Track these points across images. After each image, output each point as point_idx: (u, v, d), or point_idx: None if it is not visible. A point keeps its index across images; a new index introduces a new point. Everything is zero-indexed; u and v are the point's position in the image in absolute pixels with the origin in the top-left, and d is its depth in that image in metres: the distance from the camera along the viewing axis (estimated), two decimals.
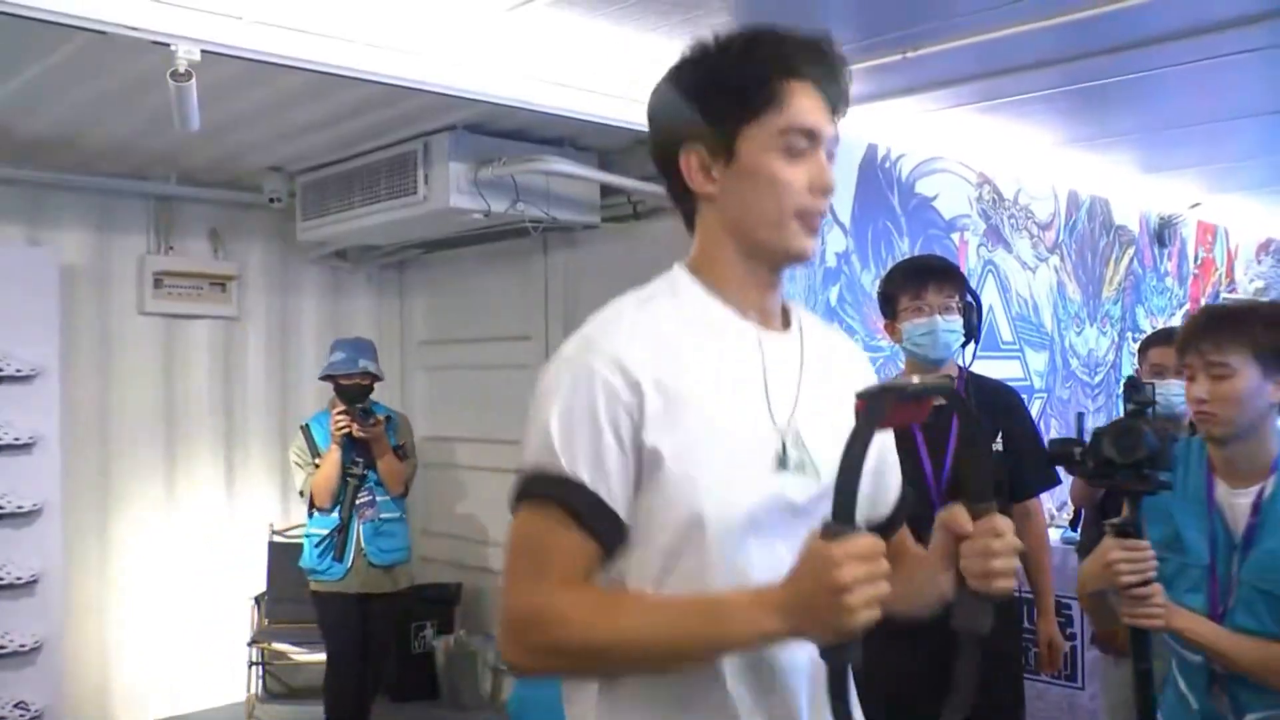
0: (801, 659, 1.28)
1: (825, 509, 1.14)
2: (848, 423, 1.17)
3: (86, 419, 5.07)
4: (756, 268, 1.36)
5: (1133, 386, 2.95)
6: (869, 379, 1.48)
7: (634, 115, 3.71)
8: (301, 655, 5.36)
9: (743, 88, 1.30)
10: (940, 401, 1.20)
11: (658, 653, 1.20)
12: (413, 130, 4.30)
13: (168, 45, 2.81)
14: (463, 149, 4.27)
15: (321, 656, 4.58)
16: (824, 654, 1.13)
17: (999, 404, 2.99)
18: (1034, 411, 5.36)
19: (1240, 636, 2.08)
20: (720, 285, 1.36)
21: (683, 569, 1.26)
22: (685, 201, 1.40)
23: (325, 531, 4.42)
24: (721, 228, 1.36)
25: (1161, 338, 3.47)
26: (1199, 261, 6.87)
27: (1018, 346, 5.38)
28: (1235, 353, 2.08)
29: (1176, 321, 6.47)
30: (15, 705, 4.43)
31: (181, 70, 2.84)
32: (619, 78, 3.62)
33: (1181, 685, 2.20)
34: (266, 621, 5.27)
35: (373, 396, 4.54)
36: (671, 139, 1.36)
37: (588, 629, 1.20)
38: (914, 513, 1.52)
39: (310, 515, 4.52)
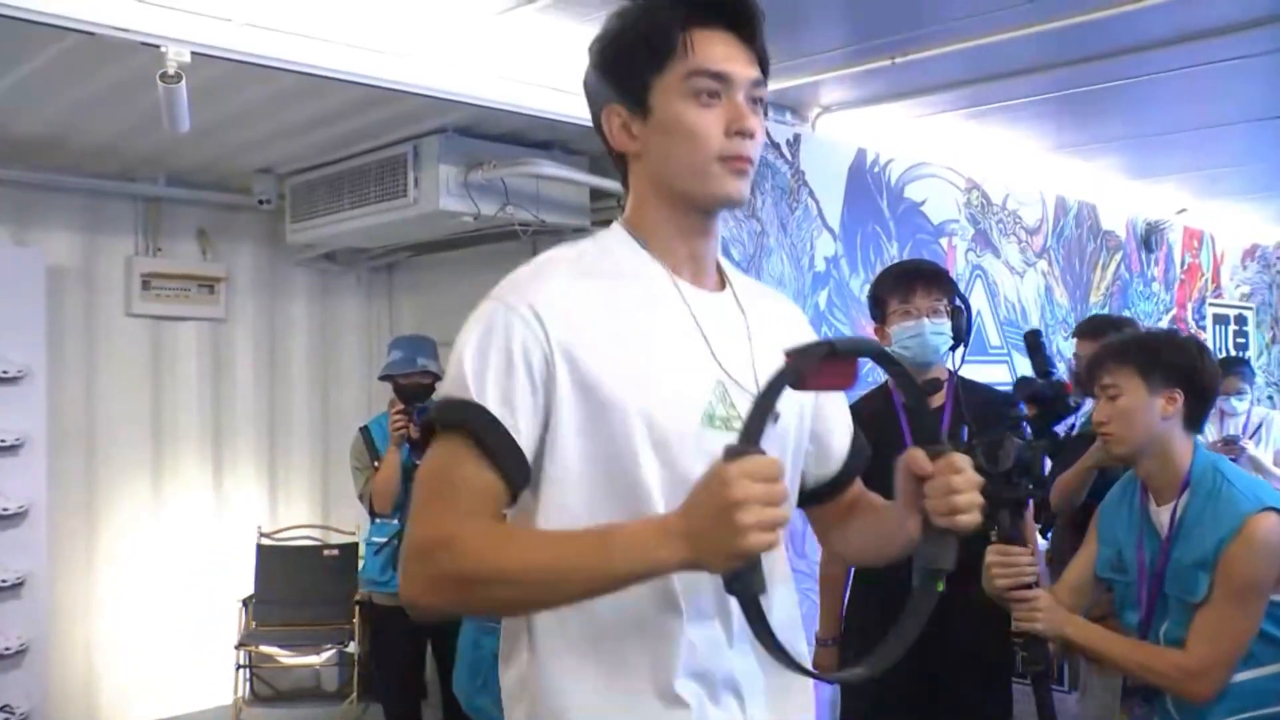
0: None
1: None
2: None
3: (73, 420, 5.05)
4: (685, 218, 1.37)
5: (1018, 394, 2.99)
6: (806, 334, 1.50)
7: None
8: (289, 658, 5.35)
9: (647, 40, 1.32)
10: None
11: (548, 579, 1.17)
12: (403, 133, 4.29)
13: (157, 47, 2.81)
14: (453, 152, 4.27)
15: (309, 659, 4.55)
16: (727, 585, 1.09)
17: (988, 407, 3.00)
18: None
19: (1121, 639, 2.22)
20: (652, 240, 1.37)
21: (604, 518, 1.24)
22: (620, 162, 1.42)
23: (385, 539, 4.19)
24: (648, 182, 1.37)
25: (1089, 329, 3.53)
26: (1185, 267, 6.91)
27: (1005, 351, 5.40)
28: (1120, 373, 2.24)
29: (1164, 327, 6.51)
30: (0, 708, 4.41)
31: (171, 72, 2.84)
32: None
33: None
34: (254, 624, 5.26)
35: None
36: (595, 103, 1.40)
37: (483, 555, 1.17)
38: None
39: (371, 521, 4.31)
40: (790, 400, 1.21)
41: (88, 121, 4.22)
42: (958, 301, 2.93)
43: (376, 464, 4.19)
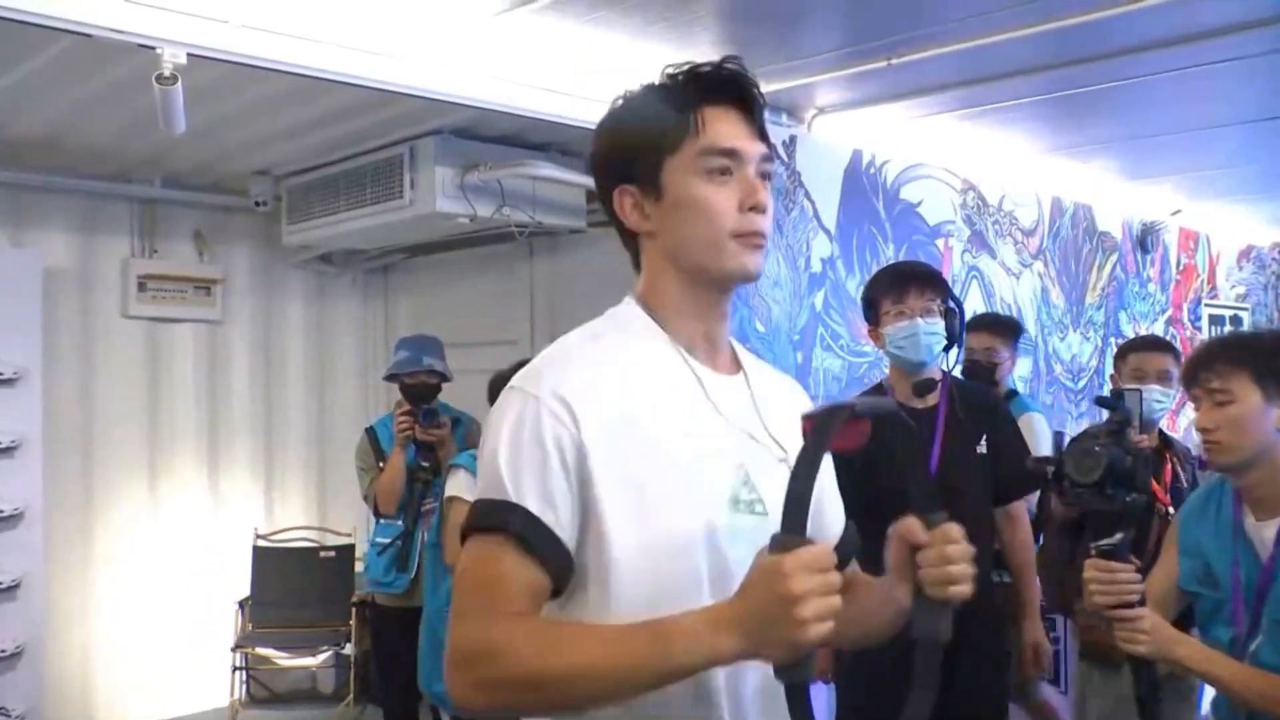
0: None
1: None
2: (789, 461, 1.18)
3: (69, 422, 5.05)
4: (701, 294, 1.38)
5: (1106, 401, 2.98)
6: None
7: None
8: (286, 660, 5.35)
9: (659, 122, 1.35)
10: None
11: (606, 679, 1.17)
12: (399, 134, 4.29)
13: (153, 48, 2.80)
14: (449, 153, 4.27)
15: (305, 661, 4.54)
16: (778, 673, 1.11)
17: (983, 408, 3.01)
18: None
19: (1244, 668, 2.03)
20: (667, 317, 1.38)
21: (638, 609, 1.23)
22: (630, 242, 1.43)
23: (389, 540, 4.16)
24: (663, 260, 1.38)
25: (1140, 344, 3.49)
26: (1181, 268, 6.92)
27: None
28: (1236, 379, 2.08)
29: (1159, 328, 6.52)
30: None
31: (167, 74, 2.84)
32: (606, 83, 3.63)
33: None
34: (250, 626, 5.26)
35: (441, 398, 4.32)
36: (606, 184, 1.40)
37: (533, 659, 1.17)
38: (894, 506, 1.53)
39: (376, 522, 4.29)
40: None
41: (84, 123, 4.22)
42: (950, 303, 2.95)
43: (381, 464, 4.19)
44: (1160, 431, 3.39)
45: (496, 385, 3.29)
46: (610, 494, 1.25)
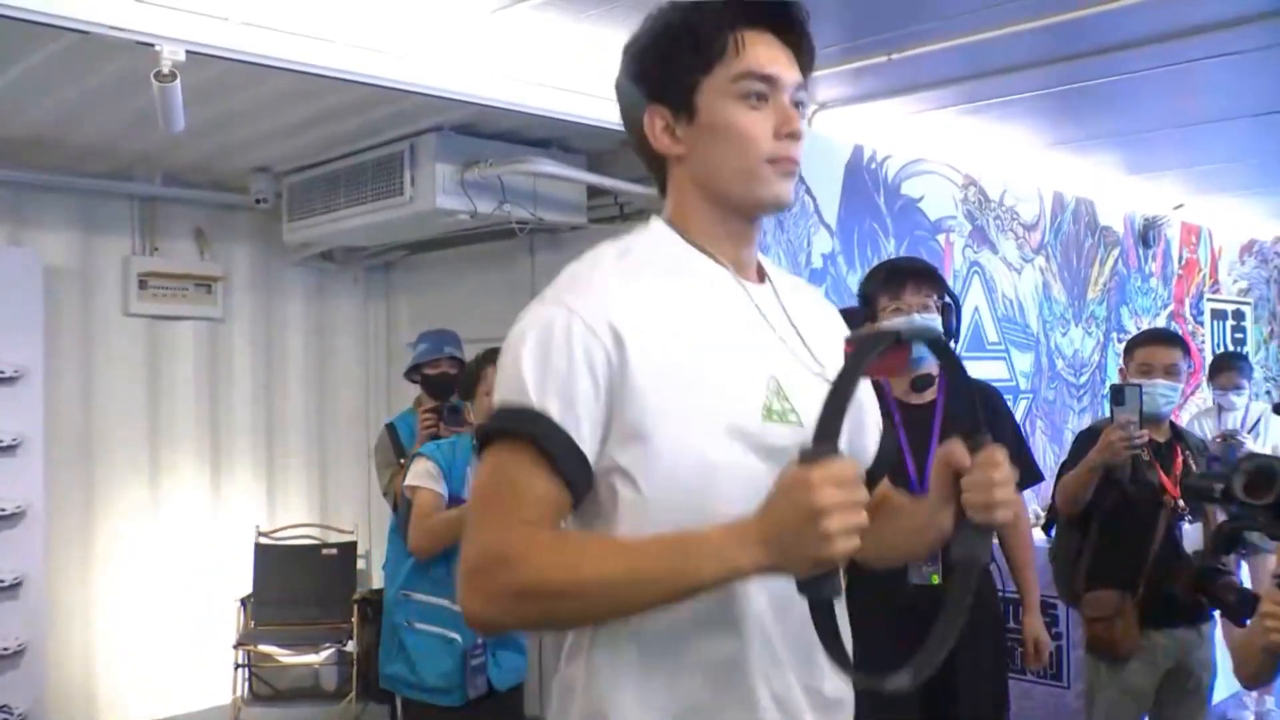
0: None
1: None
2: (829, 367, 1.16)
3: (70, 420, 5.04)
4: (731, 221, 1.35)
5: (1117, 390, 2.96)
6: (841, 329, 1.49)
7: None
8: (287, 657, 5.35)
9: (694, 40, 1.29)
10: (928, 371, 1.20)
11: (625, 590, 1.14)
12: (399, 131, 4.29)
13: (152, 46, 2.80)
14: (449, 150, 4.26)
15: (307, 658, 4.55)
16: (802, 588, 1.09)
17: (981, 403, 3.00)
18: (1019, 412, 5.38)
19: None
20: (697, 239, 1.35)
21: (677, 516, 1.20)
22: (657, 166, 1.39)
23: None
24: (692, 185, 1.35)
25: (1148, 337, 3.47)
26: (1183, 262, 6.91)
27: (1003, 347, 5.40)
28: None
29: (1161, 323, 6.52)
30: None
31: (166, 71, 2.84)
32: (605, 79, 3.62)
33: None
34: (253, 623, 5.26)
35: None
36: (634, 105, 1.36)
37: (552, 567, 1.15)
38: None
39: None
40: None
41: (84, 121, 4.21)
42: (948, 298, 2.95)
43: (402, 460, 4.13)
44: (1171, 424, 3.38)
45: (464, 379, 3.34)
46: (637, 404, 1.21)
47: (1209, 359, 6.19)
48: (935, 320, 2.87)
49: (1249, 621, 2.81)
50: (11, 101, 3.92)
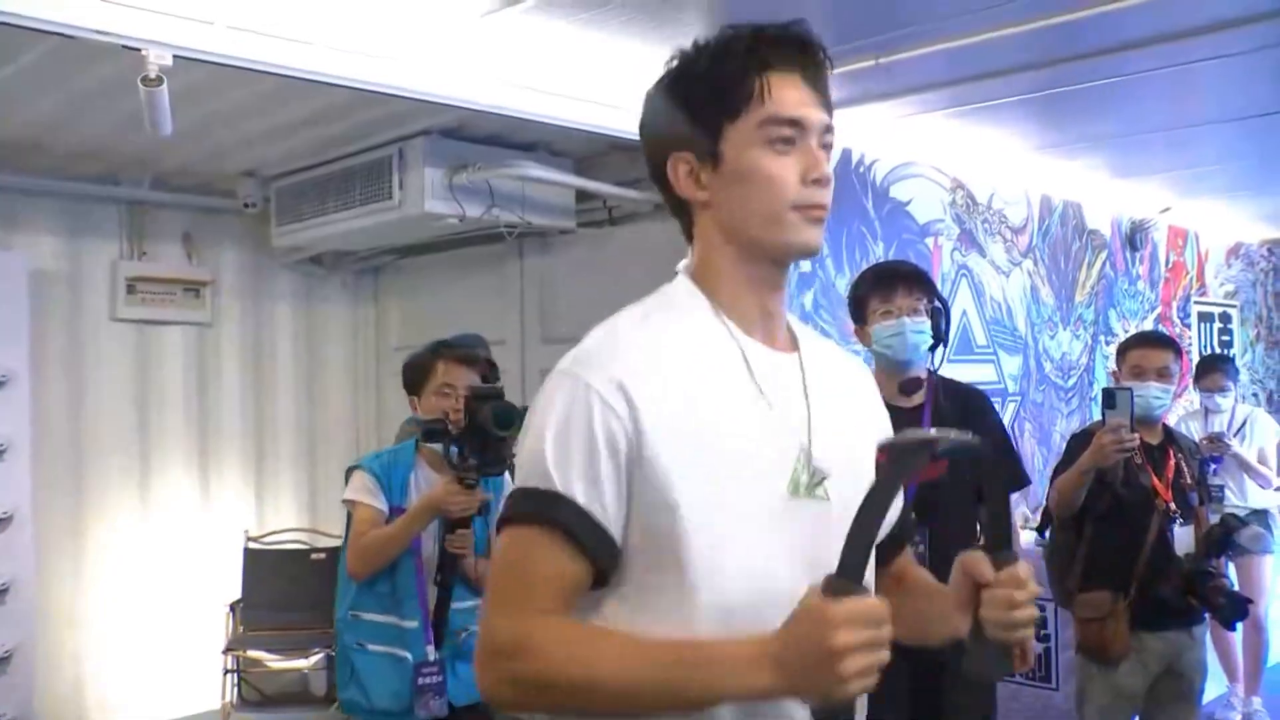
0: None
1: (836, 533, 1.09)
2: (856, 444, 1.15)
3: (58, 425, 5.03)
4: (757, 269, 1.32)
5: (1108, 394, 2.97)
6: (875, 399, 1.46)
7: (609, 121, 3.72)
8: (277, 662, 5.33)
9: (720, 87, 1.27)
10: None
11: (635, 695, 1.14)
12: (388, 135, 4.29)
13: (138, 50, 2.79)
14: (438, 154, 4.26)
15: (297, 663, 4.53)
16: (815, 716, 1.09)
17: (968, 406, 3.01)
18: (1008, 415, 5.40)
19: None
20: (721, 295, 1.32)
21: (692, 597, 1.20)
22: (682, 212, 1.36)
23: None
24: (718, 233, 1.32)
25: (1140, 340, 3.48)
26: (1170, 265, 6.93)
27: (992, 350, 5.41)
28: None
29: (1149, 325, 6.54)
30: None
31: (152, 75, 2.83)
32: (594, 83, 3.63)
33: None
34: (242, 628, 5.24)
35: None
36: (659, 150, 1.33)
37: (566, 663, 1.15)
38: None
39: None
40: (862, 474, 1.18)
41: (71, 125, 4.20)
42: (937, 302, 2.96)
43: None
44: (1164, 426, 3.40)
45: (410, 368, 3.17)
46: (655, 484, 1.20)
47: (1195, 362, 6.21)
48: (924, 325, 2.87)
49: (1238, 624, 2.84)
50: None
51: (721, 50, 1.29)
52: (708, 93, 1.28)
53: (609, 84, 3.59)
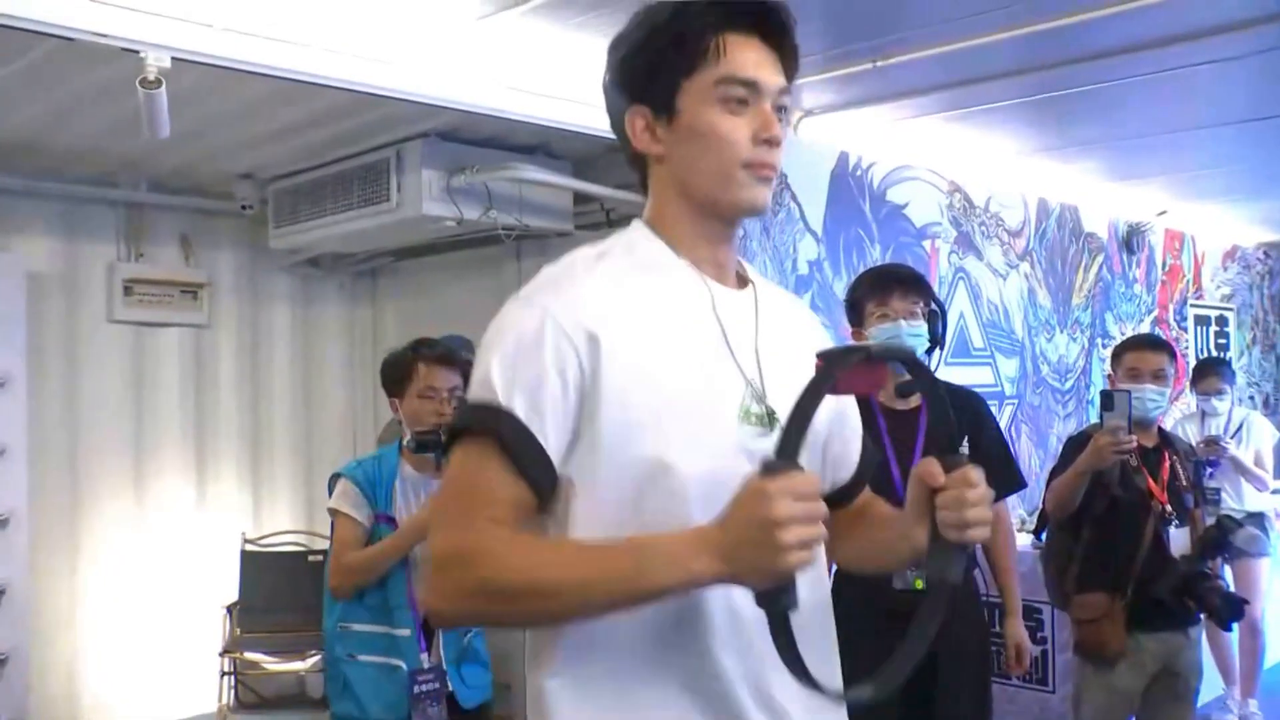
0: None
1: None
2: (802, 376, 1.17)
3: (54, 427, 5.02)
4: (708, 223, 1.36)
5: (1106, 396, 2.98)
6: (824, 341, 1.50)
7: (606, 123, 3.71)
8: (274, 665, 5.32)
9: (678, 43, 1.30)
10: (905, 378, 1.20)
11: (580, 593, 1.15)
12: (385, 138, 4.29)
13: (137, 52, 2.79)
14: (435, 156, 4.26)
15: (294, 666, 4.52)
16: (759, 599, 1.10)
17: (966, 409, 3.02)
18: (1004, 418, 5.40)
19: None
20: (675, 241, 1.36)
21: (642, 522, 1.22)
22: (639, 165, 1.40)
23: None
24: (671, 186, 1.36)
25: (1136, 343, 3.49)
26: (1167, 268, 6.95)
27: (989, 353, 5.42)
28: None
29: (1146, 328, 6.55)
30: None
31: (151, 78, 2.83)
32: (591, 86, 3.62)
33: None
34: (239, 631, 5.23)
35: None
36: (618, 103, 1.37)
37: (508, 569, 1.16)
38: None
39: None
40: (821, 405, 1.20)
41: (68, 126, 4.20)
42: (934, 305, 2.96)
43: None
44: (1160, 429, 3.40)
45: (389, 367, 3.14)
46: (606, 409, 1.22)
47: (1192, 365, 6.22)
48: (921, 328, 2.88)
49: (1234, 626, 2.84)
50: None
51: (681, 7, 1.32)
52: (666, 49, 1.31)
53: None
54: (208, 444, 5.57)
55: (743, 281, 1.42)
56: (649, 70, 1.32)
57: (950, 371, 3.06)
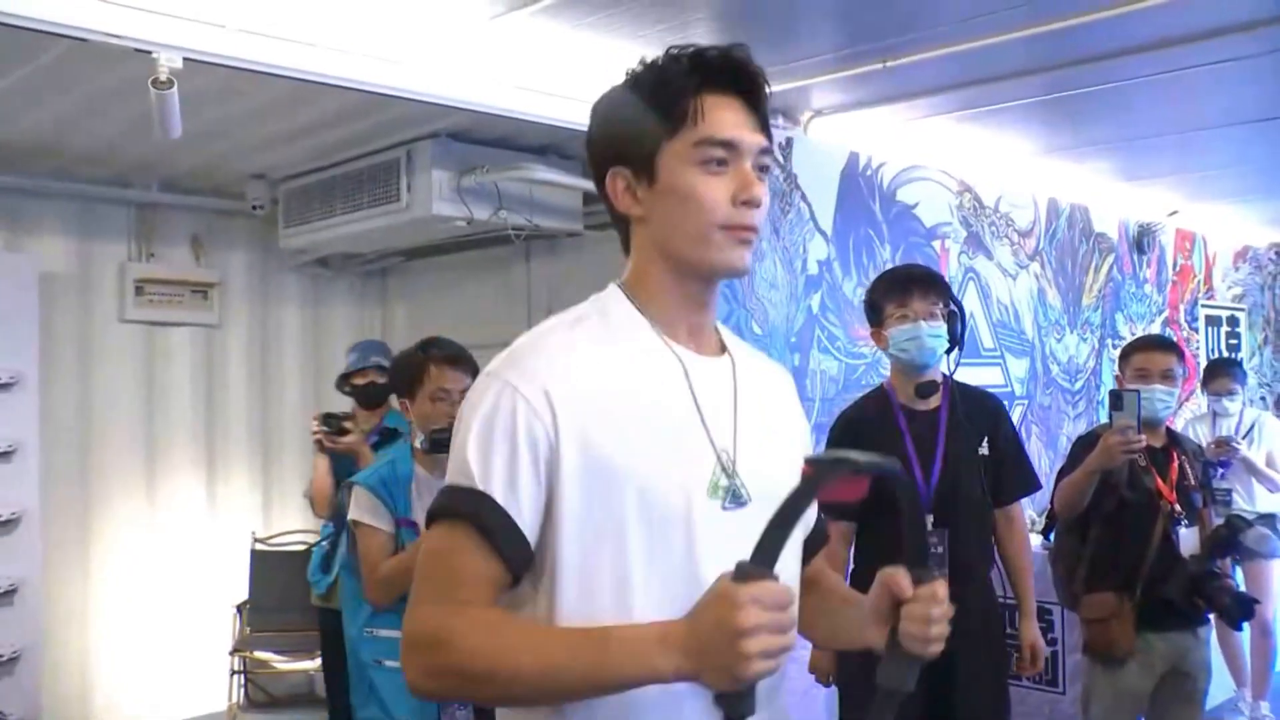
0: None
1: (753, 535, 1.11)
2: (781, 452, 1.20)
3: (66, 426, 5.04)
4: (688, 283, 1.36)
5: (1115, 396, 2.98)
6: (796, 406, 1.51)
7: None
8: (284, 664, 5.34)
9: (656, 105, 1.31)
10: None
11: (547, 681, 1.17)
12: (395, 138, 4.30)
13: (149, 53, 2.80)
14: (445, 157, 4.27)
15: (304, 665, 4.53)
16: (717, 700, 1.10)
17: (984, 410, 3.03)
18: (1015, 418, 5.39)
19: None
20: (652, 305, 1.36)
21: (608, 596, 1.24)
22: (620, 226, 1.40)
23: (320, 540, 4.21)
24: (651, 247, 1.36)
25: (1145, 343, 3.48)
26: (1178, 269, 6.93)
27: (999, 353, 5.41)
28: None
29: (1156, 329, 6.53)
30: None
31: (163, 78, 2.84)
32: (601, 86, 3.63)
33: None
34: (249, 630, 5.25)
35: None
36: (601, 164, 1.37)
37: (479, 653, 1.17)
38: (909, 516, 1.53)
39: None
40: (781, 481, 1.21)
41: (81, 127, 4.22)
42: (953, 306, 2.97)
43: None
44: (1168, 429, 3.40)
45: (399, 369, 3.16)
46: (575, 487, 1.23)
47: (1203, 365, 6.20)
48: (940, 329, 2.88)
49: (1244, 625, 2.84)
50: (9, 107, 3.93)
51: (662, 71, 1.33)
52: (646, 112, 1.32)
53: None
54: (218, 443, 5.60)
55: (721, 348, 1.42)
56: (629, 133, 1.33)
57: (960, 372, 3.06)
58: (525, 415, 1.23)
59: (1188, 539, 3.26)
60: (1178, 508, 3.23)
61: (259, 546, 5.50)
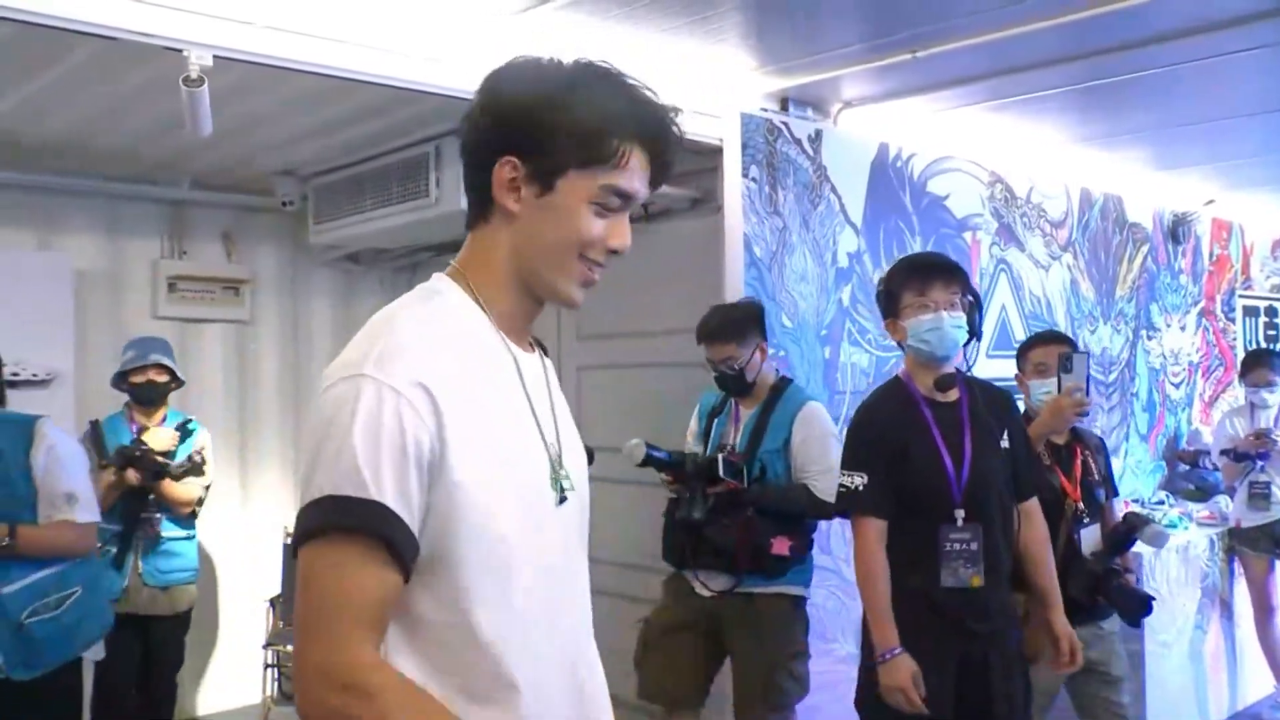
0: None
1: (580, 522, 1.35)
2: (579, 451, 1.39)
3: None
4: (524, 295, 1.39)
5: (1065, 359, 3.01)
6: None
7: None
8: None
9: (585, 137, 1.31)
10: None
11: None
12: (424, 133, 4.30)
13: (180, 51, 2.82)
14: None
15: None
16: None
17: (1000, 403, 2.98)
18: None
19: None
20: (489, 298, 1.37)
21: (487, 595, 1.26)
22: (480, 200, 1.38)
23: (103, 542, 4.01)
24: (509, 245, 1.36)
25: (1039, 339, 3.56)
26: (1214, 259, 6.84)
27: None
28: None
29: (1191, 320, 6.46)
30: None
31: (194, 76, 2.85)
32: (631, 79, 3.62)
33: None
34: (282, 624, 5.28)
35: None
36: (495, 140, 1.34)
37: (372, 710, 1.16)
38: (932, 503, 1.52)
39: None
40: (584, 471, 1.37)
41: (112, 126, 4.25)
42: (971, 295, 2.91)
43: (103, 462, 4.15)
44: (1071, 426, 3.38)
45: None
46: (452, 487, 1.23)
47: (1240, 356, 6.12)
48: (961, 319, 2.84)
49: (1145, 620, 3.00)
50: (41, 107, 3.96)
51: (596, 99, 1.33)
52: (571, 134, 1.31)
53: (643, 80, 3.58)
54: (250, 438, 5.63)
55: (533, 344, 1.46)
56: (544, 142, 1.32)
57: (992, 364, 3.04)
58: (411, 417, 1.21)
59: (1089, 537, 3.32)
60: (1081, 506, 3.30)
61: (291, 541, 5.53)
